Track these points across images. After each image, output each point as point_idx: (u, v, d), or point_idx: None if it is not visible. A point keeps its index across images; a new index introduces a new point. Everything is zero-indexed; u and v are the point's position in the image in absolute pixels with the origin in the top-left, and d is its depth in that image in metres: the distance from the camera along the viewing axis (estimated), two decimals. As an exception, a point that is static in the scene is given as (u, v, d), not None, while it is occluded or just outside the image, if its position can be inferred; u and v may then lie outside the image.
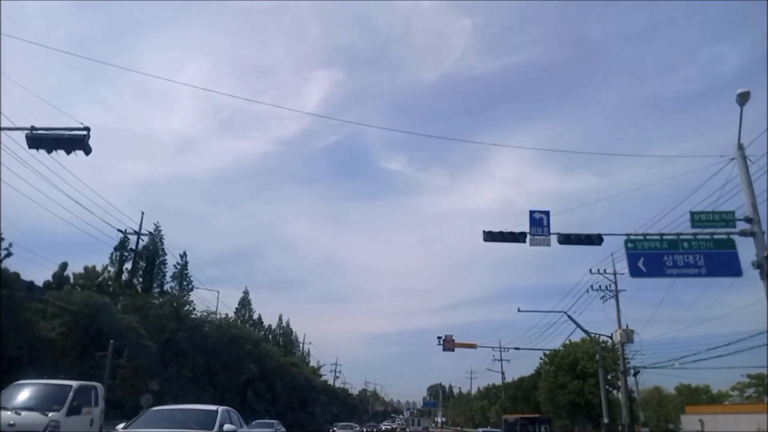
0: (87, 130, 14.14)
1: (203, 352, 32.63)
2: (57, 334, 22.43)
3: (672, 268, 16.31)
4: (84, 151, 14.24)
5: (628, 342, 31.32)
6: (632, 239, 16.90)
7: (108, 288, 31.21)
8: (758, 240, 15.37)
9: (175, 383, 29.08)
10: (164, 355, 28.46)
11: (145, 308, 29.63)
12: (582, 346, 42.89)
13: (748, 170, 15.91)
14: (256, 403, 39.53)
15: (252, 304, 63.20)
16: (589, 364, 41.12)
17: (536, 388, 51.96)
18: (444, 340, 44.15)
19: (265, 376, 41.17)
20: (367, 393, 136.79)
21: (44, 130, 14.24)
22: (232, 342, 36.00)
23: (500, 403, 66.11)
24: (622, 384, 33.02)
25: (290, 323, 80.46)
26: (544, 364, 49.57)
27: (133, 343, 25.32)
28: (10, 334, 19.40)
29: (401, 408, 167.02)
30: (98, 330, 23.83)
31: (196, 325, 33.46)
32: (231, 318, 43.55)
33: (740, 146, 16.08)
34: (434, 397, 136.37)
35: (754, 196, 15.83)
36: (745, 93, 15.07)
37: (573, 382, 42.76)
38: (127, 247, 34.54)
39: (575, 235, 17.41)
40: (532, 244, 17.24)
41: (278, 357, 48.71)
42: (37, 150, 14.60)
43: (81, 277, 31.50)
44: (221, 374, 34.38)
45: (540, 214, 17.35)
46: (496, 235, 17.52)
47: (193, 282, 41.37)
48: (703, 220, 16.41)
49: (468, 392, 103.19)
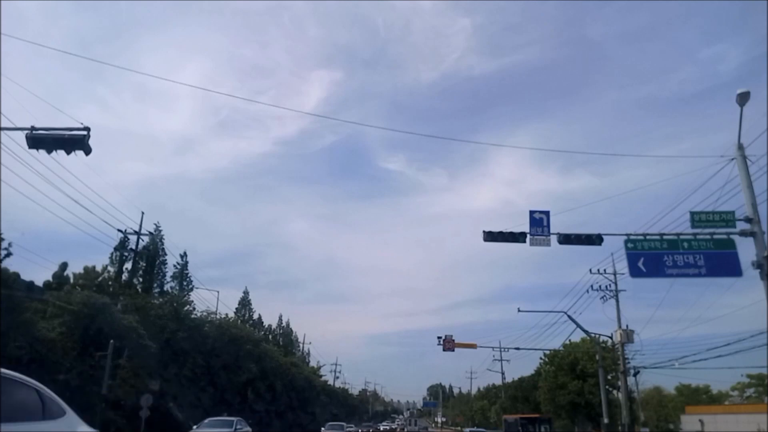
0: (87, 130, 14.13)
1: (203, 352, 32.61)
2: (57, 334, 22.42)
3: (672, 268, 16.31)
4: (84, 151, 14.23)
5: (628, 342, 31.32)
6: (632, 239, 16.89)
7: (108, 288, 31.15)
8: (758, 240, 15.38)
9: (175, 383, 29.08)
10: (164, 355, 28.44)
11: (145, 308, 29.60)
12: (582, 346, 42.89)
13: (748, 170, 15.92)
14: (256, 403, 39.52)
15: (252, 304, 63.25)
16: (589, 364, 41.12)
17: (536, 388, 51.97)
18: (444, 341, 44.14)
19: (265, 376, 41.14)
20: (367, 393, 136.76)
21: (44, 130, 14.23)
22: (232, 342, 35.97)
23: (500, 403, 66.12)
24: (622, 384, 33.01)
25: (290, 323, 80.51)
26: (544, 364, 49.58)
27: (133, 343, 25.30)
28: (10, 334, 19.37)
29: (401, 408, 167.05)
30: (98, 330, 23.82)
31: (196, 325, 33.44)
32: (231, 318, 43.52)
33: (740, 146, 16.09)
34: (434, 397, 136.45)
35: (754, 196, 15.83)
36: (745, 93, 15.07)
37: (573, 382, 42.77)
38: (127, 247, 34.51)
39: (575, 235, 17.41)
40: (532, 244, 17.25)
41: (278, 357, 48.68)
42: (37, 150, 14.59)
43: (81, 277, 31.45)
44: (221, 374, 34.36)
45: (540, 214, 17.35)
46: (496, 235, 17.53)
47: (193, 282, 41.43)
48: (703, 221, 16.41)
49: (468, 392, 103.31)
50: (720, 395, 58.32)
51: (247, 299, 62.60)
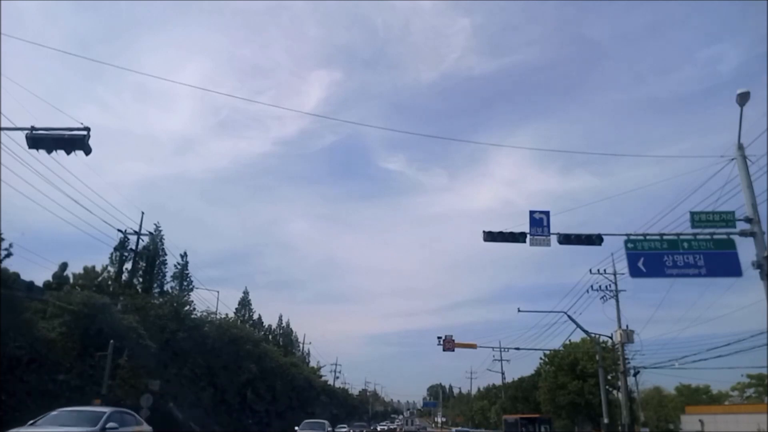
0: (87, 131, 14.13)
1: (203, 352, 32.59)
2: (57, 334, 22.40)
3: (672, 269, 16.31)
4: (84, 151, 14.23)
5: (628, 342, 31.33)
6: (632, 239, 16.89)
7: (108, 288, 31.13)
8: (758, 240, 15.38)
9: (175, 383, 29.06)
10: (164, 355, 28.42)
11: (145, 308, 29.56)
12: (582, 346, 42.91)
13: (748, 170, 15.91)
14: (256, 403, 39.52)
15: (252, 305, 63.24)
16: (589, 364, 41.13)
17: (536, 388, 51.99)
18: (444, 341, 44.14)
19: (265, 376, 41.15)
20: (367, 393, 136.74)
21: (44, 131, 14.23)
22: (232, 342, 35.95)
23: (500, 403, 66.12)
24: (622, 384, 33.02)
25: (290, 323, 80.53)
26: (544, 364, 49.61)
27: (133, 343, 25.28)
28: (10, 334, 19.36)
29: (401, 408, 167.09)
30: (98, 330, 23.79)
31: (196, 325, 33.39)
32: (231, 318, 43.50)
33: (740, 146, 16.09)
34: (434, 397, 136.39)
35: (754, 197, 15.83)
36: (745, 93, 15.06)
37: (573, 382, 42.79)
38: (127, 247, 34.47)
39: (575, 235, 17.41)
40: (532, 245, 17.25)
41: (278, 357, 48.69)
42: (37, 150, 14.59)
43: (81, 277, 31.45)
44: (221, 374, 34.35)
45: (540, 214, 17.35)
46: (497, 235, 17.52)
47: (193, 282, 41.40)
48: (703, 221, 16.40)
49: (468, 392, 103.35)
50: (720, 395, 58.35)
51: (247, 299, 62.63)
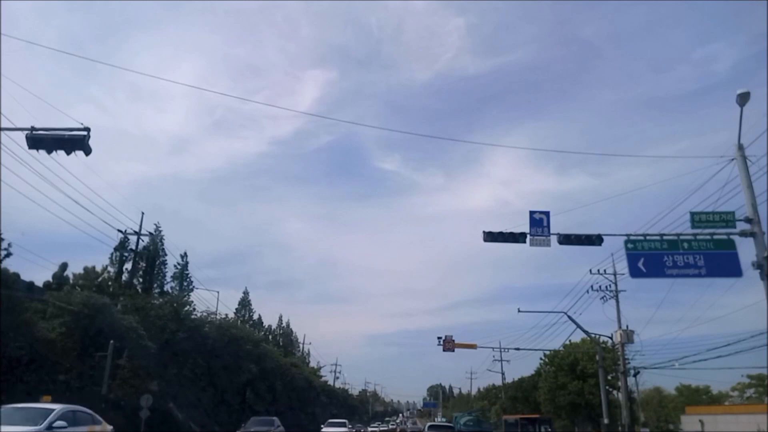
0: (87, 131, 14.14)
1: (203, 353, 32.61)
2: (57, 334, 22.42)
3: (672, 269, 16.29)
4: (84, 151, 14.23)
5: (628, 342, 31.32)
6: (632, 240, 16.88)
7: (108, 288, 31.13)
8: (758, 240, 15.37)
9: (175, 384, 29.08)
10: (164, 355, 28.43)
11: (145, 309, 29.57)
12: (582, 346, 42.89)
13: (748, 171, 15.90)
14: (256, 403, 39.54)
15: (252, 305, 63.25)
16: (589, 364, 41.12)
17: (536, 388, 51.97)
18: (444, 341, 44.10)
19: (265, 376, 41.15)
20: (367, 393, 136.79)
21: (44, 131, 14.24)
22: (232, 342, 35.94)
23: (500, 403, 66.07)
24: (622, 384, 33.02)
25: (290, 323, 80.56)
26: (544, 364, 49.60)
27: (133, 343, 25.29)
28: (10, 334, 19.38)
29: (401, 408, 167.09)
30: (98, 330, 23.81)
31: (196, 325, 33.40)
32: (231, 318, 43.52)
33: (740, 146, 16.07)
34: (434, 397, 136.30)
35: (754, 197, 15.82)
36: (745, 93, 15.04)
37: (573, 382, 42.78)
38: (127, 248, 34.49)
39: (575, 235, 17.39)
40: (532, 245, 17.23)
41: (278, 357, 48.69)
42: (37, 150, 14.60)
43: (81, 277, 31.44)
44: (221, 374, 34.36)
45: (540, 214, 17.34)
46: (496, 235, 17.51)
47: (193, 282, 41.41)
48: (703, 221, 16.39)
49: (468, 393, 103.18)
50: (720, 396, 58.27)
51: (246, 299, 62.64)
